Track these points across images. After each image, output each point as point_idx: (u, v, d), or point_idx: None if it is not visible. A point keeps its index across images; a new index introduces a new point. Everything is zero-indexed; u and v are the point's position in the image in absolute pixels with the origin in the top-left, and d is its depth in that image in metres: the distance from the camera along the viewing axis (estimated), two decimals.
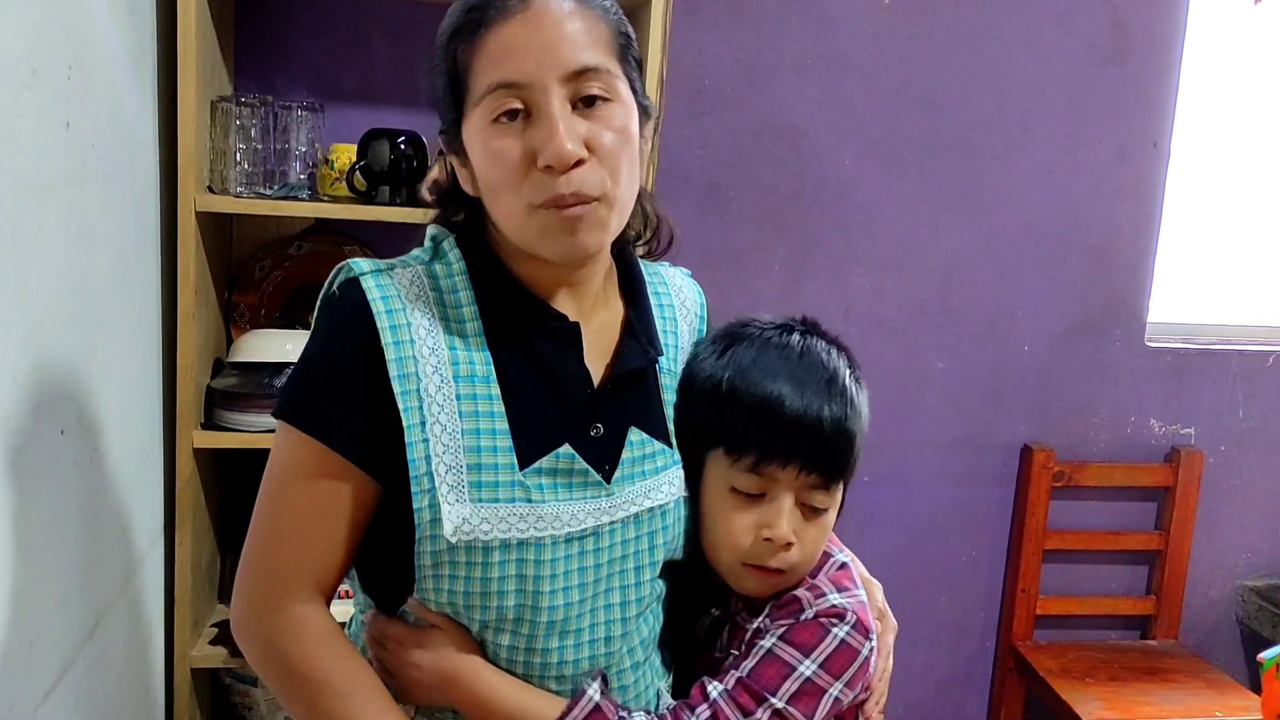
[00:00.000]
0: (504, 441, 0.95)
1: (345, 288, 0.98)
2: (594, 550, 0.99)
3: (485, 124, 0.94)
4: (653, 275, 1.15)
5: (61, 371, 1.31)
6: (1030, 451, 2.46)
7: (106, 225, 1.48)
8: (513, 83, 0.91)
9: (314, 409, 0.96)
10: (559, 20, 0.92)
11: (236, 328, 2.05)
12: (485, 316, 0.99)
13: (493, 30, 0.92)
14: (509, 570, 0.94)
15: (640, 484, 1.02)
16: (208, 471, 1.89)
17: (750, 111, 2.28)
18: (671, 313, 1.14)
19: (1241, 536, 2.65)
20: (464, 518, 0.93)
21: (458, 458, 0.94)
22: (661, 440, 1.06)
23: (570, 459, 0.98)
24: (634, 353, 1.05)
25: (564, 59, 0.92)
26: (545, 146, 0.91)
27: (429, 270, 1.00)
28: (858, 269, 2.39)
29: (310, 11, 2.05)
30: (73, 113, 1.32)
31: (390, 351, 0.94)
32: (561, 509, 0.97)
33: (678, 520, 1.06)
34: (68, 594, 1.35)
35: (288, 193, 1.89)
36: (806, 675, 1.02)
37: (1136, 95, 2.42)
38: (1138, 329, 2.51)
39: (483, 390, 0.96)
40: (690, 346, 1.15)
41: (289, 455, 0.97)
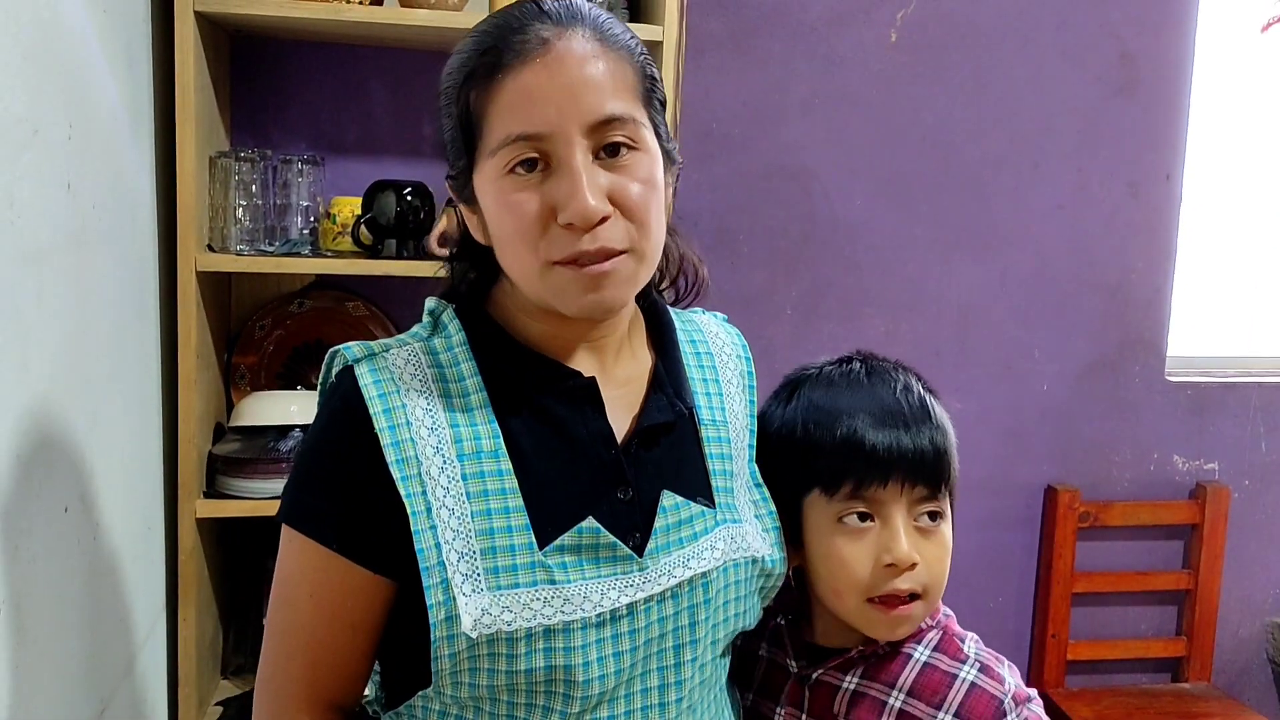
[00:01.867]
0: (519, 520, 0.87)
1: (340, 376, 0.92)
2: (629, 632, 0.89)
3: (500, 174, 0.87)
4: (686, 323, 1.08)
5: (63, 446, 1.24)
6: (1054, 492, 2.40)
7: (106, 290, 1.42)
8: (532, 135, 0.84)
9: (313, 510, 0.89)
10: (582, 63, 0.85)
11: (237, 390, 1.98)
12: (490, 386, 0.92)
13: (510, 75, 0.85)
14: (536, 661, 0.86)
15: (677, 553, 0.92)
16: (210, 541, 1.81)
17: (758, 154, 2.24)
18: (710, 360, 1.06)
19: (1269, 572, 2.59)
20: (483, 609, 0.84)
21: (469, 543, 0.86)
22: (703, 500, 0.97)
23: (595, 533, 0.89)
24: (659, 406, 0.97)
25: (587, 108, 0.85)
26: (568, 203, 0.84)
27: (427, 347, 0.94)
28: (870, 310, 2.34)
29: (307, 63, 2.00)
30: (73, 173, 1.26)
31: (385, 437, 0.87)
32: (590, 588, 0.87)
33: (730, 586, 0.97)
34: (72, 684, 1.27)
35: (290, 249, 1.83)
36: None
37: (1147, 128, 2.39)
38: (1157, 364, 2.46)
39: (491, 466, 0.88)
40: (742, 394, 1.07)
41: (294, 562, 0.91)
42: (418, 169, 2.01)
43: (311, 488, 0.91)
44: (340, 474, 0.89)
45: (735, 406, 1.05)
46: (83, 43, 1.31)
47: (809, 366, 1.13)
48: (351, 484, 0.88)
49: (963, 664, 1.05)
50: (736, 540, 0.97)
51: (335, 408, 0.91)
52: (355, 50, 2.01)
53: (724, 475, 1.00)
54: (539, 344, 0.95)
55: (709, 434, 1.01)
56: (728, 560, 0.96)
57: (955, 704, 1.02)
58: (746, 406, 1.07)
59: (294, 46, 1.98)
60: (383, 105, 2.04)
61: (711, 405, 1.03)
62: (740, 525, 0.99)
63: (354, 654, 0.91)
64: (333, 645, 0.90)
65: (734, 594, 0.97)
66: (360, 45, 2.00)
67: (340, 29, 1.81)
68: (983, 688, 1.03)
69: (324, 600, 0.89)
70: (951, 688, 1.03)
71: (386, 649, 0.96)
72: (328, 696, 0.90)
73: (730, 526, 0.98)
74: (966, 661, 1.05)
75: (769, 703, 1.10)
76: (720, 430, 1.02)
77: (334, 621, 0.89)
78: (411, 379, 0.91)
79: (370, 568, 0.89)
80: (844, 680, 1.06)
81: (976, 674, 1.04)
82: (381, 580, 0.89)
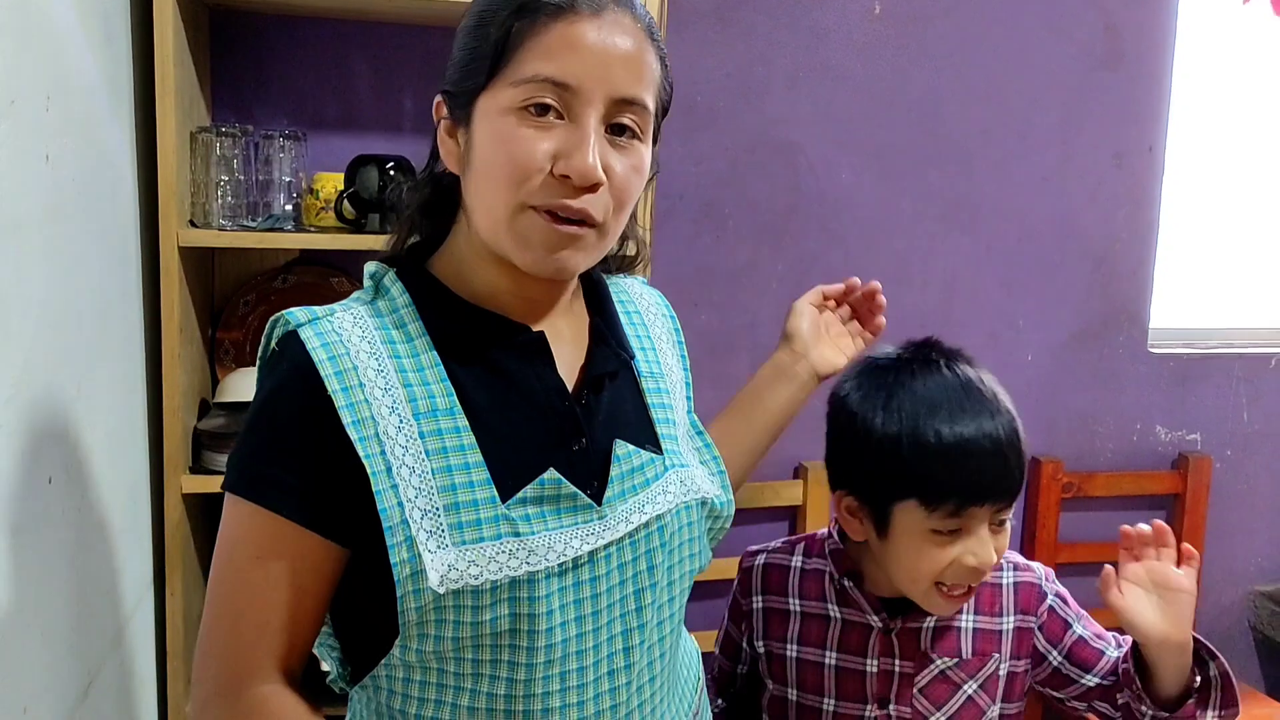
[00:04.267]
0: (480, 475, 0.88)
1: (283, 343, 0.91)
2: (590, 580, 0.91)
3: (512, 107, 0.87)
4: (615, 287, 1.11)
5: (48, 417, 1.24)
6: (1038, 463, 2.42)
7: (88, 263, 1.41)
8: (563, 82, 0.86)
9: (263, 477, 0.88)
10: (628, 39, 0.89)
11: (221, 366, 1.98)
12: (439, 345, 0.92)
13: (562, 20, 0.87)
14: (500, 611, 0.87)
15: (632, 499, 0.95)
16: (197, 516, 1.81)
17: (744, 127, 2.24)
18: (640, 319, 1.10)
19: (1251, 541, 2.62)
20: (449, 564, 0.84)
21: (432, 500, 0.86)
22: (650, 447, 1.00)
23: (557, 484, 0.90)
24: (604, 357, 1.00)
25: (619, 81, 0.88)
26: (573, 155, 0.86)
27: (372, 309, 0.94)
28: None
29: (289, 38, 1.99)
30: (51, 146, 1.26)
31: (339, 399, 0.86)
32: (554, 538, 0.89)
33: (683, 528, 1.00)
34: (60, 654, 1.27)
35: (273, 224, 1.82)
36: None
37: (1131, 100, 2.40)
38: (1140, 335, 2.48)
39: (447, 424, 0.89)
40: (672, 349, 1.12)
41: (241, 529, 0.90)
42: (399, 144, 2.01)
43: (264, 456, 0.89)
44: (294, 440, 0.88)
45: (669, 360, 1.10)
46: (61, 15, 1.30)
47: (886, 359, 1.24)
48: (307, 450, 0.88)
49: (1000, 571, 1.26)
50: (687, 483, 1.01)
51: (284, 373, 0.90)
52: (336, 25, 2.00)
53: (666, 423, 1.04)
54: (486, 300, 0.95)
55: (648, 385, 1.04)
56: (680, 503, 0.99)
57: (1011, 604, 1.25)
58: (679, 360, 1.13)
59: (275, 21, 1.97)
60: (364, 80, 2.03)
61: (648, 359, 1.07)
62: (688, 469, 1.03)
63: (302, 620, 0.90)
64: (281, 610, 0.89)
65: (687, 535, 1.01)
66: (341, 20, 1.99)
67: (321, 3, 1.81)
68: (1024, 580, 1.26)
69: (273, 566, 0.88)
70: (1003, 593, 1.25)
71: (346, 621, 0.97)
72: (275, 662, 0.90)
73: (679, 470, 1.01)
74: (1003, 568, 1.27)
75: (855, 658, 1.24)
76: (658, 381, 1.06)
77: (284, 587, 0.89)
78: (360, 340, 0.90)
79: (325, 535, 0.89)
80: (923, 622, 1.23)
81: (1014, 574, 1.27)
82: (334, 547, 0.89)
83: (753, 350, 2.29)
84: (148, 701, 1.69)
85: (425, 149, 1.00)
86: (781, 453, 2.33)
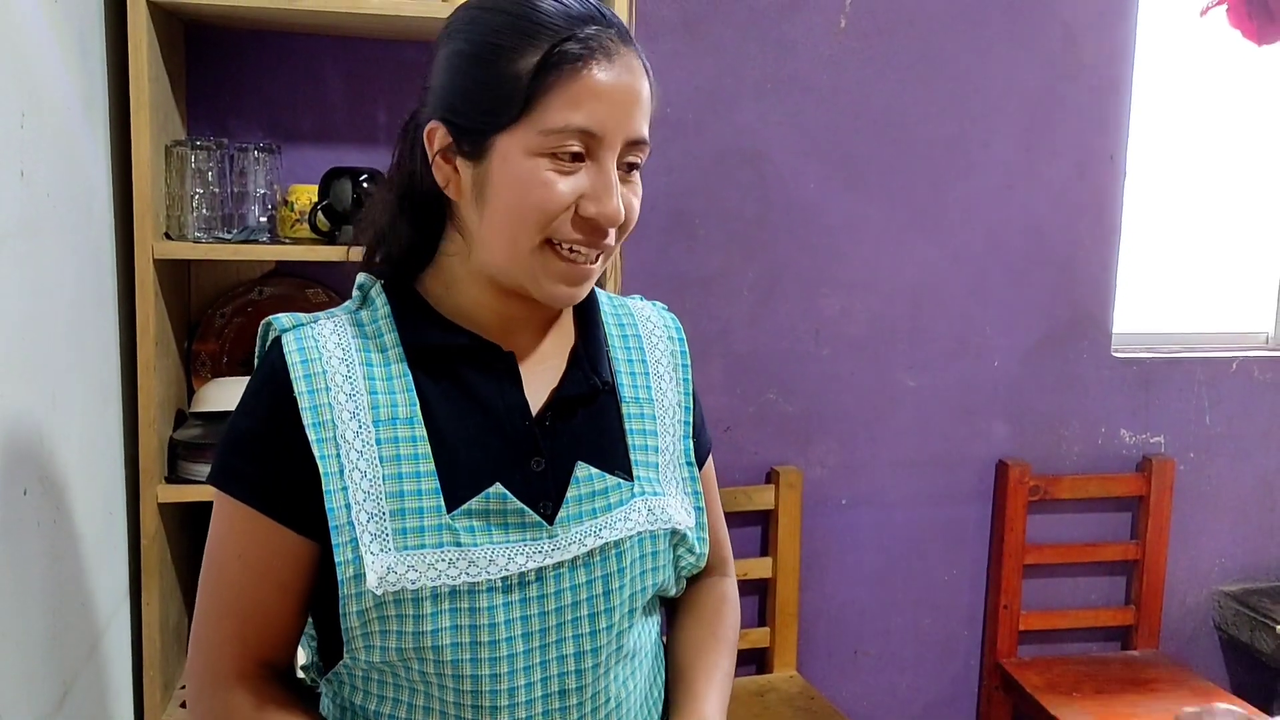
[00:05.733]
0: (429, 484, 0.91)
1: (270, 347, 0.96)
2: (538, 597, 0.93)
3: (540, 152, 0.89)
4: (618, 307, 1.12)
5: (22, 429, 1.25)
6: (1006, 466, 2.46)
7: (62, 276, 1.43)
8: (590, 131, 0.89)
9: (239, 472, 0.93)
10: (640, 82, 0.93)
11: (198, 377, 1.99)
12: (411, 356, 0.95)
13: (586, 67, 0.89)
14: (443, 622, 0.89)
15: (589, 522, 0.96)
16: (173, 526, 1.82)
17: (713, 138, 2.27)
18: (639, 343, 1.09)
19: (1214, 542, 2.66)
20: (389, 567, 0.87)
21: (379, 504, 0.90)
22: (620, 473, 1.00)
23: (502, 499, 0.92)
24: (575, 381, 1.01)
25: (634, 125, 0.92)
26: (602, 198, 0.91)
27: (354, 319, 0.98)
28: (826, 290, 2.38)
29: (263, 52, 2.01)
30: (26, 161, 1.27)
31: (303, 400, 0.91)
32: (497, 552, 0.91)
33: (646, 557, 1.00)
34: (35, 664, 1.29)
35: (248, 236, 1.84)
36: None
37: (1091, 109, 2.45)
38: (1104, 340, 2.53)
39: (405, 432, 0.92)
40: (673, 374, 1.11)
41: (224, 525, 0.95)
42: (373, 156, 2.04)
43: (238, 451, 0.94)
44: (263, 437, 0.93)
45: (665, 386, 1.09)
46: (35, 31, 1.32)
47: None
48: (273, 447, 0.92)
49: None
50: (655, 512, 1.01)
51: (263, 375, 0.95)
52: (310, 39, 2.03)
53: (646, 450, 1.04)
54: (467, 317, 0.98)
55: (630, 410, 1.04)
56: (643, 531, 0.99)
57: None
58: (679, 386, 1.11)
59: (249, 35, 2.00)
60: (338, 93, 2.05)
61: (636, 384, 1.06)
62: (661, 497, 1.03)
63: (283, 614, 0.94)
64: (262, 605, 0.93)
65: (650, 564, 1.01)
66: (315, 34, 2.02)
67: (295, 18, 1.83)
68: None
69: (252, 560, 0.93)
70: None
71: (316, 615, 1.00)
72: (259, 655, 0.93)
73: (650, 499, 1.01)
74: None
75: None
76: (644, 408, 1.06)
77: (263, 581, 0.93)
78: (335, 348, 0.95)
79: (292, 527, 0.92)
80: None
81: None
82: (304, 541, 0.93)
83: (725, 358, 2.33)
84: (124, 712, 1.70)
85: None
86: (753, 458, 2.37)
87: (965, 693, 2.59)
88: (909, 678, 2.55)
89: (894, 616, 2.51)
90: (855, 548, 2.47)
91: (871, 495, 2.46)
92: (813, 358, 2.38)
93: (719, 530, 1.17)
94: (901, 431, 2.45)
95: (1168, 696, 2.32)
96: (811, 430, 2.39)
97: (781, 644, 2.38)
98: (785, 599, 2.37)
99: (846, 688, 2.50)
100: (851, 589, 2.49)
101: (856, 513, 2.45)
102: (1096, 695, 2.32)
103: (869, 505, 2.46)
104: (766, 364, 2.35)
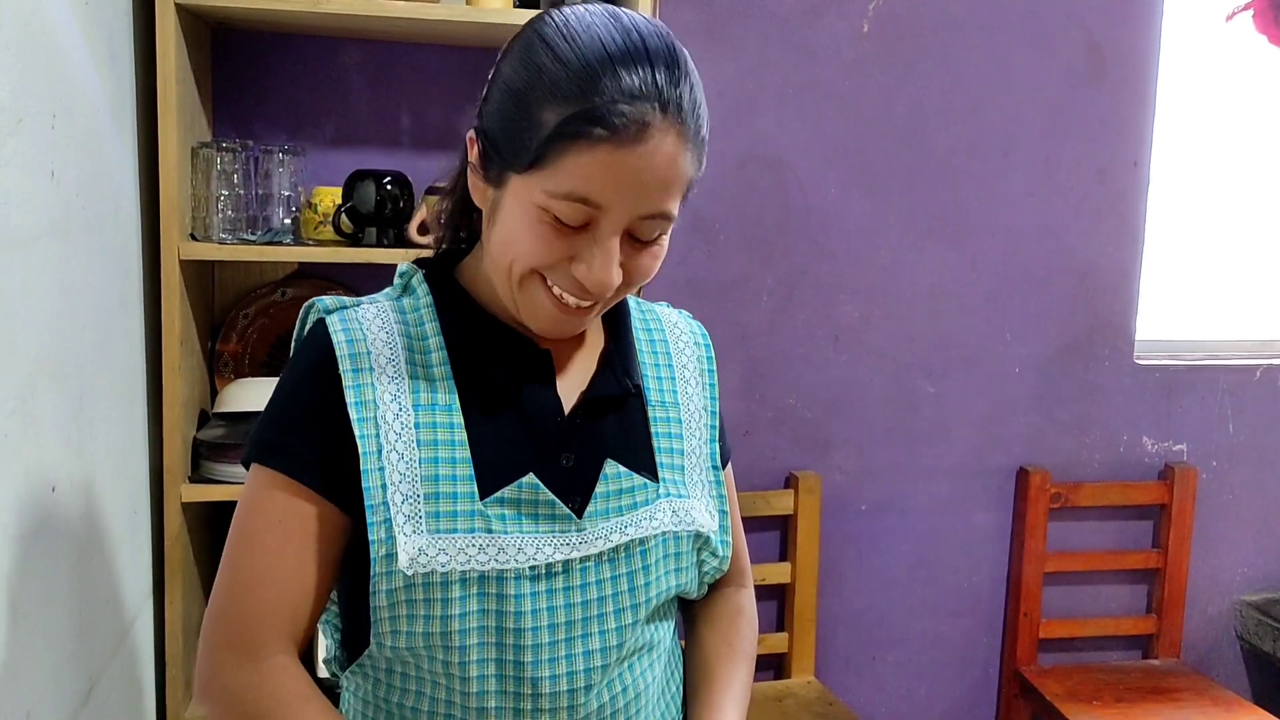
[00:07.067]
0: (464, 470, 0.93)
1: (314, 328, 0.98)
2: (565, 589, 0.94)
3: (544, 207, 0.88)
4: (646, 313, 1.13)
5: (51, 427, 1.27)
6: (1026, 474, 2.45)
7: (90, 277, 1.45)
8: (596, 204, 0.87)
9: (281, 446, 0.94)
10: (667, 164, 0.87)
11: (221, 377, 2.01)
12: (451, 347, 0.97)
13: (603, 147, 0.85)
14: (470, 606, 0.90)
15: (616, 519, 0.98)
16: (196, 526, 1.84)
17: (734, 143, 2.28)
18: (665, 348, 1.11)
19: (1237, 552, 2.65)
20: (420, 548, 0.89)
21: (415, 487, 0.91)
22: (646, 474, 1.02)
23: (534, 489, 0.94)
24: (607, 382, 1.03)
25: (650, 203, 0.88)
26: (592, 269, 0.89)
27: (396, 306, 0.99)
28: (845, 297, 2.38)
29: (288, 56, 2.03)
30: (57, 162, 1.29)
31: (347, 379, 0.93)
32: (526, 541, 0.93)
33: (670, 557, 1.02)
34: (62, 659, 1.30)
35: (272, 237, 1.86)
36: None
37: (1114, 115, 2.44)
38: (1126, 348, 2.52)
39: (444, 419, 0.94)
40: (699, 379, 1.12)
41: (259, 496, 0.94)
42: (396, 159, 2.05)
43: (280, 426, 0.95)
44: (308, 413, 0.94)
45: (691, 390, 1.10)
46: (65, 34, 1.34)
47: None
48: (317, 422, 0.93)
49: None
50: (680, 514, 1.02)
51: (307, 353, 0.97)
52: (335, 43, 2.04)
53: (671, 453, 1.05)
54: (504, 310, 0.99)
55: (656, 414, 1.06)
56: (668, 531, 1.01)
57: None
58: (705, 390, 1.12)
59: (274, 38, 2.01)
60: (362, 96, 2.07)
61: (662, 389, 1.08)
62: (686, 500, 1.04)
63: (314, 587, 0.94)
64: (299, 574, 0.92)
65: (674, 565, 1.02)
66: (340, 38, 2.03)
67: (320, 21, 1.84)
68: None
69: (292, 528, 0.92)
70: None
71: (343, 602, 1.01)
72: (289, 629, 0.93)
73: (674, 500, 1.02)
74: None
75: None
76: (670, 411, 1.07)
77: (301, 550, 0.93)
78: (379, 331, 0.96)
79: (329, 499, 0.93)
80: None
81: None
82: (340, 514, 0.94)
83: (744, 363, 2.33)
84: (148, 708, 1.72)
85: (421, 164, 1.04)
86: (772, 463, 2.37)
87: (984, 700, 2.58)
88: (928, 684, 2.54)
89: (913, 623, 2.51)
90: (874, 553, 2.46)
91: (891, 501, 2.45)
92: (832, 363, 2.38)
93: (738, 540, 1.17)
94: (921, 438, 2.45)
95: (1189, 706, 2.31)
96: (831, 436, 2.38)
97: (800, 649, 2.37)
98: (804, 604, 2.36)
99: (864, 694, 2.50)
100: (870, 594, 2.48)
101: (876, 518, 2.45)
102: (1116, 704, 2.30)
103: (889, 511, 2.46)
104: (786, 369, 2.35)
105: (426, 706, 0.95)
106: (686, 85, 0.89)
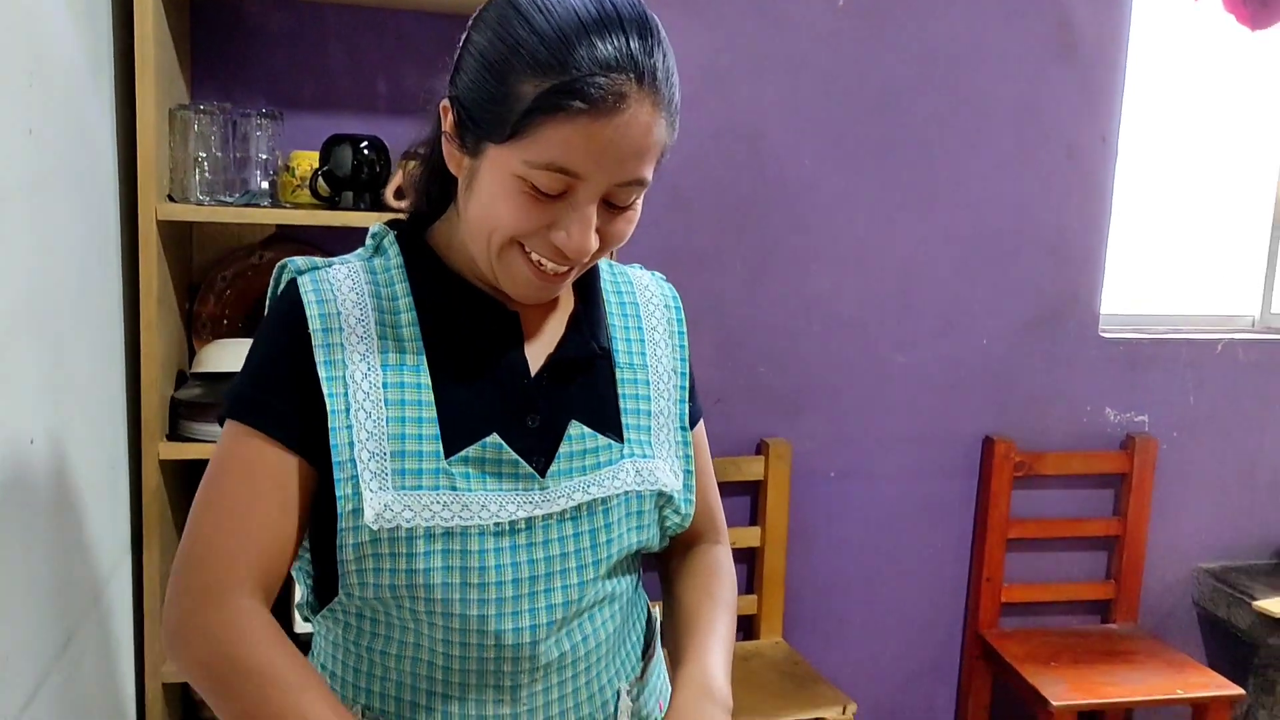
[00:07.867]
0: (430, 429, 0.95)
1: (286, 287, 1.00)
2: (527, 545, 0.97)
3: (522, 177, 0.90)
4: (618, 275, 1.16)
5: (29, 380, 1.29)
6: (991, 442, 2.50)
7: (68, 234, 1.47)
8: (575, 173, 0.89)
9: (253, 401, 0.96)
10: (643, 133, 0.89)
11: (198, 338, 2.03)
12: (420, 308, 0.99)
13: (582, 118, 0.86)
14: (435, 561, 0.94)
15: (579, 479, 1.01)
16: (174, 483, 1.87)
17: (709, 114, 2.30)
18: (635, 310, 1.13)
19: (1195, 520, 2.71)
20: (385, 504, 0.92)
21: (381, 445, 0.94)
22: (611, 435, 1.04)
23: (498, 448, 0.97)
24: (574, 344, 1.05)
25: (626, 170, 0.90)
26: (570, 235, 0.91)
27: (367, 266, 1.01)
28: (817, 267, 2.42)
29: (266, 19, 2.04)
30: (34, 120, 1.31)
31: (317, 339, 0.95)
32: (489, 499, 0.96)
33: (632, 515, 1.04)
34: (40, 608, 1.33)
35: (249, 200, 1.88)
36: None
37: (1084, 92, 2.48)
38: (1091, 321, 2.57)
39: (411, 379, 0.96)
40: (669, 341, 1.14)
41: (231, 450, 0.97)
42: (373, 123, 2.07)
43: (254, 382, 0.98)
44: (280, 370, 0.96)
45: (660, 352, 1.12)
46: None
47: None
48: (285, 379, 0.96)
49: None
50: (644, 474, 1.05)
51: (278, 313, 0.99)
52: (313, 8, 2.06)
53: (638, 414, 1.08)
54: (476, 273, 1.02)
55: (624, 375, 1.08)
56: (630, 490, 1.04)
57: None
58: (675, 352, 1.14)
59: (254, 3, 2.02)
60: (339, 62, 2.08)
61: (631, 350, 1.10)
62: (650, 460, 1.07)
63: (282, 535, 0.96)
64: (266, 521, 0.95)
65: (636, 523, 1.05)
66: (318, 2, 2.04)
67: None
68: None
69: (259, 478, 0.95)
70: None
71: (314, 551, 1.03)
72: (258, 575, 0.95)
73: (639, 460, 1.05)
74: None
75: None
76: (639, 373, 1.09)
77: (268, 502, 0.95)
78: (349, 293, 0.98)
79: (300, 453, 0.96)
80: None
81: None
82: (308, 467, 0.96)
83: (717, 331, 2.37)
84: (125, 660, 1.75)
85: (398, 129, 1.06)
86: (744, 429, 2.41)
87: (947, 662, 2.65)
88: (893, 646, 2.61)
89: (879, 586, 2.57)
90: (842, 519, 2.52)
91: (859, 468, 2.50)
92: (804, 333, 2.42)
93: (710, 496, 1.20)
94: (890, 407, 2.49)
95: (1143, 667, 2.38)
96: (801, 404, 2.43)
97: (768, 611, 2.43)
98: (773, 568, 2.42)
99: (831, 655, 2.56)
100: (838, 559, 2.54)
101: (844, 485, 2.50)
102: (1074, 665, 2.37)
103: (857, 478, 2.51)
104: (758, 338, 2.39)
105: (395, 650, 0.99)
106: (660, 54, 0.91)
